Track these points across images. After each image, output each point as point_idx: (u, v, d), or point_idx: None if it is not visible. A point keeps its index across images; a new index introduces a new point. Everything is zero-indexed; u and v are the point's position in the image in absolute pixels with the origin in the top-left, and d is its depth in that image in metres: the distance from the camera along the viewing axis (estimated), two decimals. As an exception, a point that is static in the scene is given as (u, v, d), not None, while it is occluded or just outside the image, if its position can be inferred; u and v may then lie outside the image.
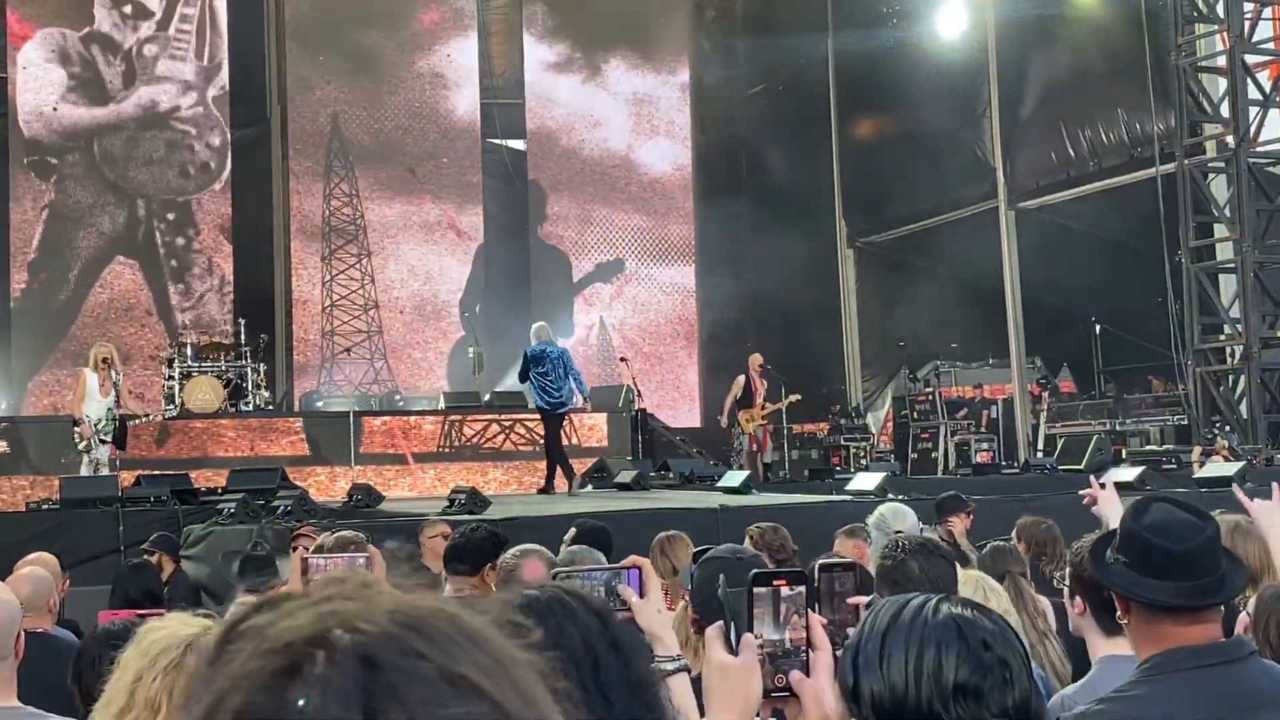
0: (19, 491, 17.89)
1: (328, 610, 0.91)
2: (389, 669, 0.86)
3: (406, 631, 0.89)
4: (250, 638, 0.90)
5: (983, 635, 1.99)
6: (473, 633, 0.92)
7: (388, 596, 0.93)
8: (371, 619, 0.89)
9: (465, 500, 12.44)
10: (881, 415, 24.83)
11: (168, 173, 24.34)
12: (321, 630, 0.88)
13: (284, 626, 0.89)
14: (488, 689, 0.88)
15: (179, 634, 3.00)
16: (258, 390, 20.19)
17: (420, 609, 0.92)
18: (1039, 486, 15.11)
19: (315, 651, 0.87)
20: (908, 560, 4.09)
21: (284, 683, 0.86)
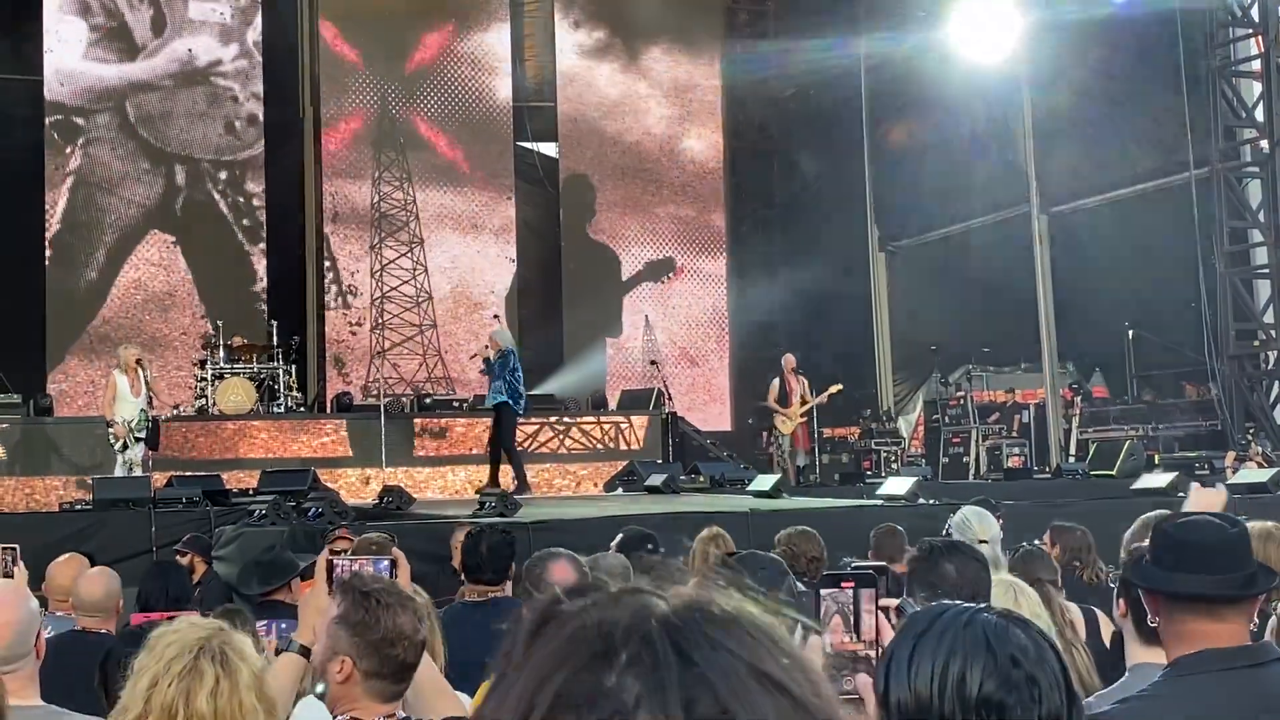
0: (52, 491, 18.00)
1: (638, 602, 0.96)
2: (703, 661, 0.92)
3: (714, 627, 0.94)
4: (563, 621, 0.96)
5: (1012, 650, 1.97)
6: (770, 631, 0.97)
7: (689, 592, 0.98)
8: (680, 613, 0.95)
9: (496, 503, 12.45)
10: (913, 419, 24.76)
11: (211, 132, 24.38)
12: (637, 621, 0.94)
13: (600, 615, 0.95)
14: (789, 685, 0.94)
15: (190, 638, 3.01)
16: (289, 391, 20.26)
17: (725, 607, 0.97)
18: (1071, 492, 15.06)
19: (632, 640, 0.92)
20: (942, 562, 4.06)
21: (605, 665, 0.92)
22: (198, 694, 2.93)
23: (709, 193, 27.26)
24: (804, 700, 0.94)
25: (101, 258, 23.79)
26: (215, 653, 2.98)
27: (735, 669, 0.92)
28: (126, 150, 24.06)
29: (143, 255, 23.96)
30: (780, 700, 0.92)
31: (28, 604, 4.00)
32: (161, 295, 23.93)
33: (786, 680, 0.93)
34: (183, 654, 2.95)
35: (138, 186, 24.05)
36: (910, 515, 11.02)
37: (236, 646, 3.06)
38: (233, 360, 20.10)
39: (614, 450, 20.91)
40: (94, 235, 23.78)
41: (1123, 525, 5.26)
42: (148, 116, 24.15)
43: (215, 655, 2.98)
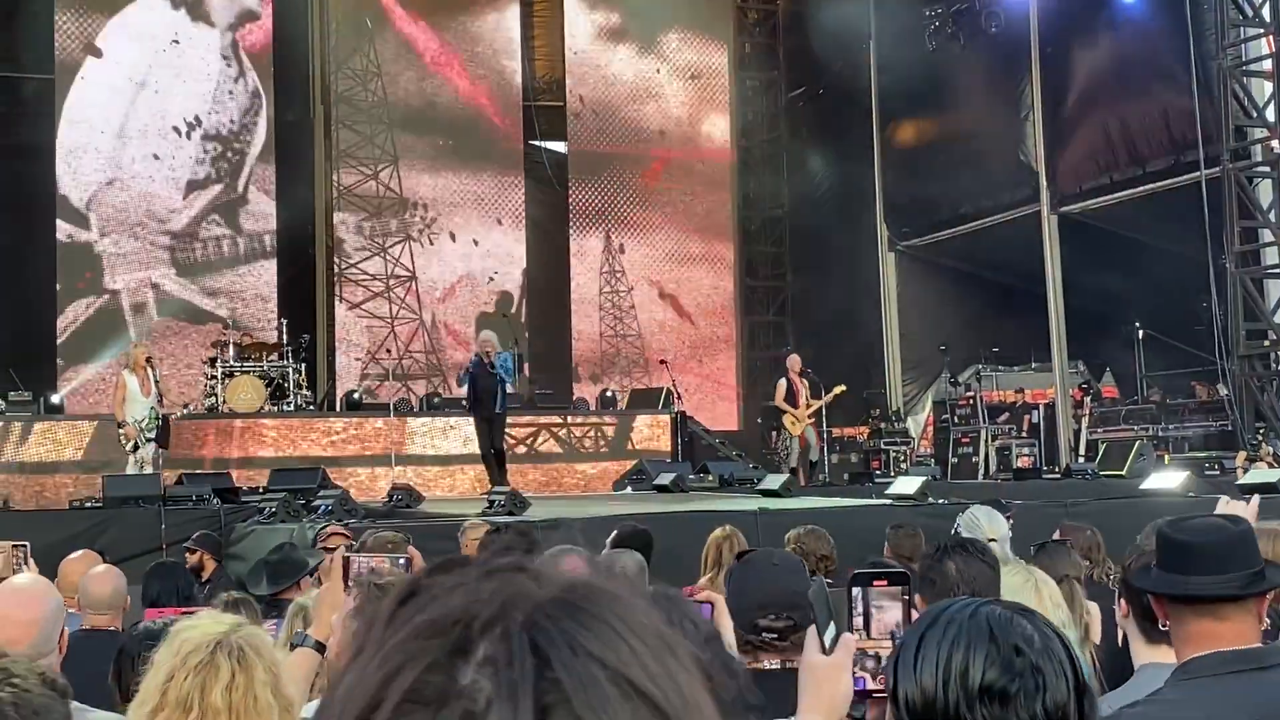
0: (62, 489, 18.04)
1: (500, 587, 0.91)
2: (560, 667, 0.86)
3: (581, 627, 0.89)
4: (423, 602, 0.91)
5: (1016, 640, 1.97)
6: (641, 627, 0.91)
7: (565, 578, 0.93)
8: (543, 604, 0.89)
9: (505, 501, 12.46)
10: (922, 419, 24.73)
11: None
12: (499, 612, 0.89)
13: (458, 601, 0.90)
14: (654, 695, 0.88)
15: (209, 633, 3.02)
16: (299, 389, 20.30)
17: (592, 591, 0.92)
18: (1080, 492, 15.02)
19: (489, 634, 0.88)
20: (945, 560, 4.04)
21: (455, 663, 0.87)
22: (213, 688, 2.94)
23: (717, 194, 27.26)
24: (669, 710, 0.88)
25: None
26: (232, 648, 3.00)
27: (595, 676, 0.87)
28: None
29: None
30: (641, 710, 0.87)
31: (54, 601, 4.01)
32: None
33: (652, 689, 0.88)
34: (200, 648, 2.97)
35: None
36: (919, 515, 11.01)
37: (254, 643, 3.08)
38: (243, 358, 20.14)
39: (623, 450, 20.94)
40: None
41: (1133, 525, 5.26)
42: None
43: (232, 650, 2.99)
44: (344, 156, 24.97)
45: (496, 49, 25.96)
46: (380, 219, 25.09)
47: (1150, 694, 3.04)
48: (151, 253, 23.78)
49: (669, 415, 21.55)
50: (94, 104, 23.60)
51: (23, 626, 3.80)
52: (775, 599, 3.79)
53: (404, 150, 25.28)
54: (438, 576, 0.94)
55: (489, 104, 25.81)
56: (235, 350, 20.18)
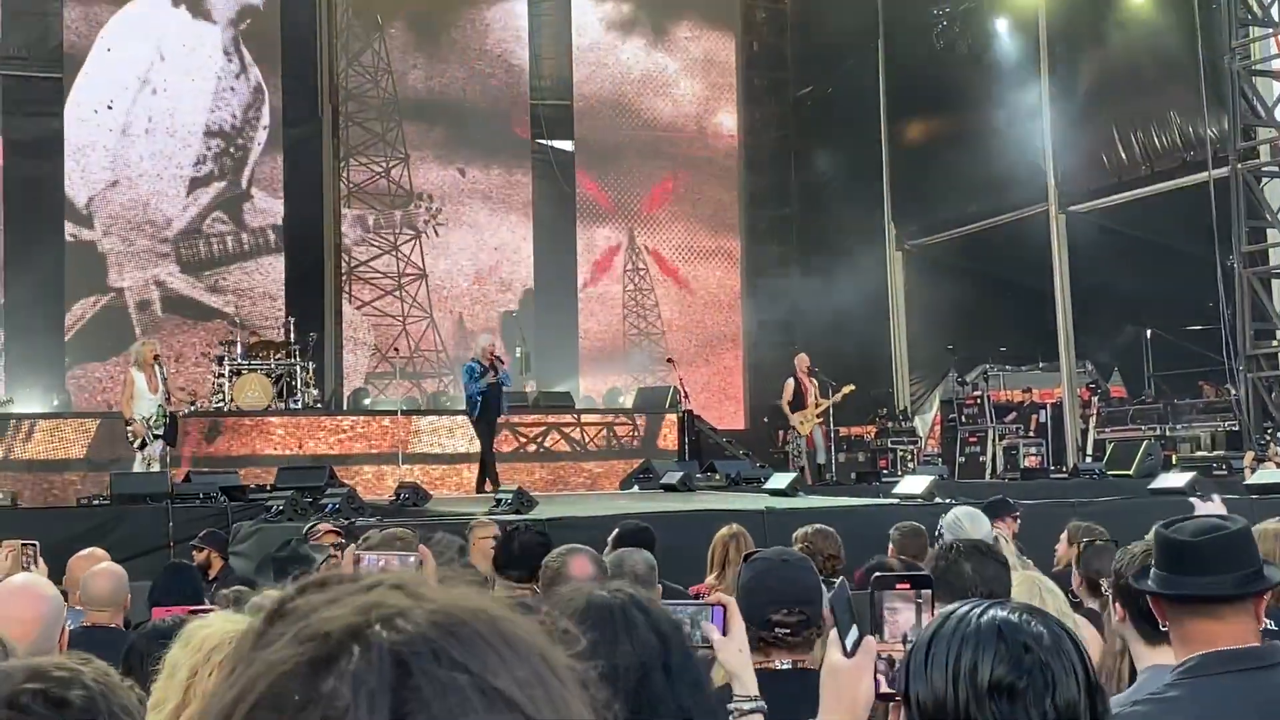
0: (70, 486, 18.06)
1: (369, 602, 0.90)
2: (420, 675, 0.85)
3: (445, 636, 0.87)
4: (292, 620, 0.90)
5: (1025, 639, 1.98)
6: (514, 639, 0.90)
7: (434, 593, 0.91)
8: (412, 617, 0.88)
9: (512, 500, 12.46)
10: (929, 418, 24.73)
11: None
12: (361, 624, 0.87)
13: (325, 615, 0.89)
14: (520, 702, 0.87)
15: (228, 630, 3.02)
16: (306, 388, 20.31)
17: (464, 610, 0.90)
18: (1088, 492, 15.02)
19: (351, 645, 0.86)
20: (961, 562, 4.08)
21: (317, 672, 0.86)
22: None
23: (724, 192, 27.26)
24: (535, 717, 0.87)
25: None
26: None
27: (458, 683, 0.86)
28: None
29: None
30: (506, 717, 0.86)
31: (54, 599, 4.01)
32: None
33: (519, 696, 0.87)
34: (223, 645, 2.96)
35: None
36: (926, 514, 10.99)
37: None
38: (250, 357, 20.16)
39: (630, 448, 20.94)
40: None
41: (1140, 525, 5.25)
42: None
43: None
44: (354, 153, 24.97)
45: (504, 46, 25.94)
46: (386, 213, 25.08)
47: (1151, 693, 3.04)
48: (155, 250, 23.80)
49: (676, 414, 21.55)
50: (98, 101, 23.61)
51: (24, 625, 3.79)
52: (787, 595, 3.82)
53: (413, 147, 25.28)
54: (310, 595, 0.93)
55: (497, 100, 25.81)
56: (243, 348, 20.20)
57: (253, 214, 24.42)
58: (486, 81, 25.76)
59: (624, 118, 26.62)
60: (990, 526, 6.33)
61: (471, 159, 25.63)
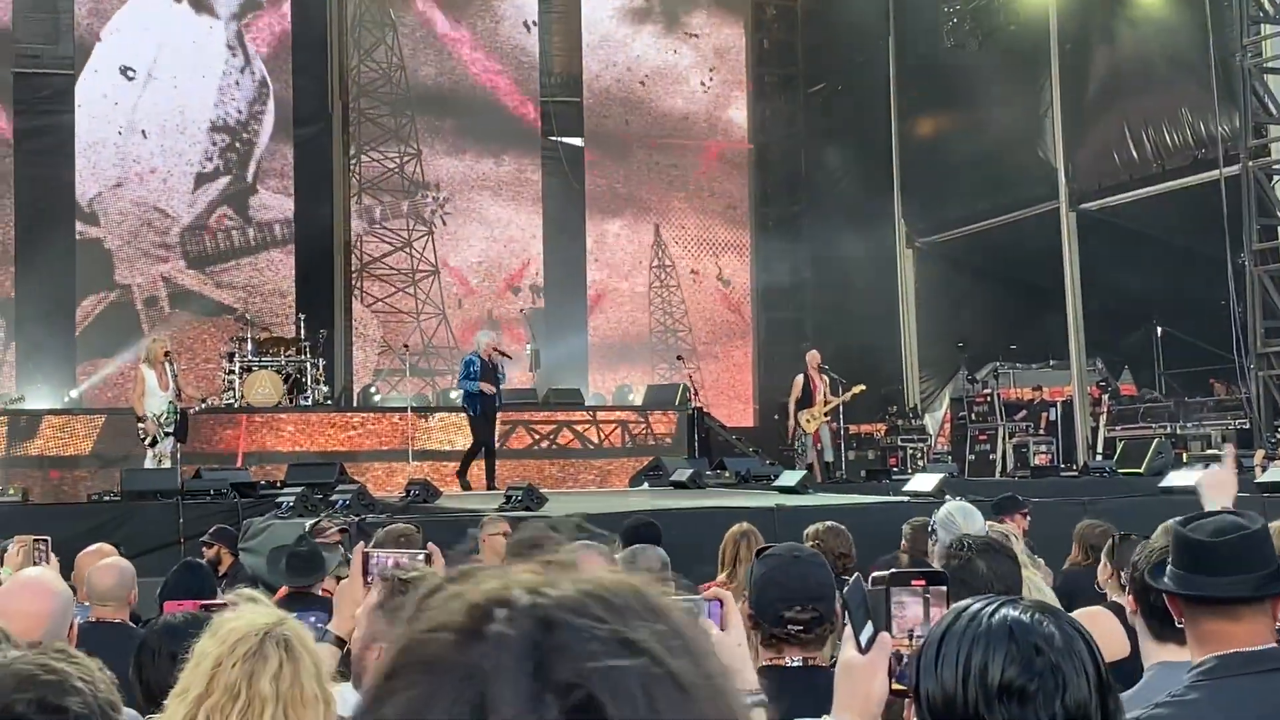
0: (80, 483, 18.11)
1: (516, 577, 0.95)
2: (563, 628, 0.90)
3: (587, 597, 0.92)
4: (443, 596, 0.96)
5: (1036, 640, 1.98)
6: (657, 606, 0.94)
7: (577, 570, 0.96)
8: (558, 585, 0.93)
9: (522, 496, 12.47)
10: (939, 416, 24.70)
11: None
12: (506, 593, 0.92)
13: (475, 588, 0.94)
14: (659, 654, 0.90)
15: (256, 623, 3.04)
16: (316, 385, 20.34)
17: (606, 580, 0.95)
18: (1098, 489, 15.00)
19: (499, 610, 0.91)
20: (974, 559, 4.08)
21: (468, 638, 0.91)
22: (261, 676, 2.96)
23: (734, 188, 27.26)
24: (678, 672, 0.90)
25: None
26: (280, 638, 3.01)
27: (599, 635, 0.89)
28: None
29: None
30: (654, 672, 0.89)
31: (63, 594, 4.03)
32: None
33: (658, 649, 0.90)
34: (248, 637, 2.98)
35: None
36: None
37: (300, 634, 3.10)
38: (260, 354, 20.19)
39: (640, 445, 20.95)
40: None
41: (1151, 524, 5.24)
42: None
43: (280, 640, 3.01)
44: (365, 148, 24.98)
45: (515, 41, 25.94)
46: (394, 203, 25.09)
47: (1172, 694, 3.02)
48: (162, 246, 23.83)
49: (686, 411, 21.55)
50: (103, 98, 23.65)
51: (33, 619, 3.81)
52: (799, 592, 3.81)
53: (424, 141, 25.30)
54: (454, 581, 0.98)
55: (508, 93, 25.82)
56: (253, 345, 20.24)
57: (259, 209, 24.41)
58: (497, 76, 25.75)
59: (634, 114, 26.61)
60: (983, 521, 6.32)
61: (482, 153, 25.63)
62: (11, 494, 15.99)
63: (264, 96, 24.51)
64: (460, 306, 25.22)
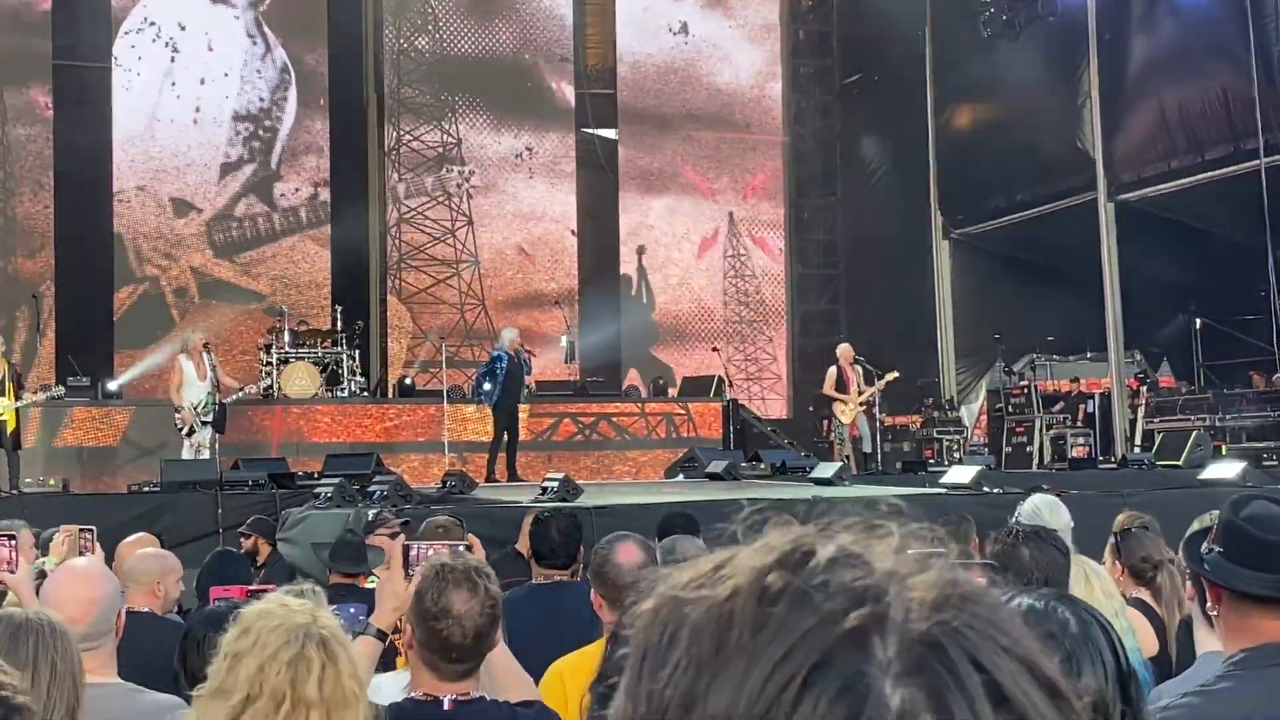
0: (119, 473, 18.23)
1: (863, 577, 0.85)
2: (946, 675, 0.81)
3: (957, 632, 0.83)
4: (797, 602, 0.84)
5: (1051, 627, 1.97)
6: (1014, 634, 0.85)
7: (931, 570, 0.87)
8: (925, 603, 0.83)
9: (558, 488, 12.48)
10: (975, 408, 24.61)
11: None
12: (882, 609, 0.83)
13: (846, 582, 0.84)
14: (1022, 707, 0.82)
15: (294, 623, 3.02)
16: (353, 376, 20.41)
17: (966, 593, 0.85)
18: (1136, 482, 14.92)
19: (880, 628, 0.82)
20: (1019, 547, 4.07)
21: (853, 651, 0.81)
22: (306, 681, 2.95)
23: (770, 178, 27.21)
24: (1075, 709, 0.84)
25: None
26: (317, 639, 3.00)
27: (974, 688, 0.80)
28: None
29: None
30: (1064, 707, 0.83)
31: (111, 582, 4.06)
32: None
33: (1021, 701, 0.82)
34: (291, 641, 2.97)
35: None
36: (974, 504, 10.95)
37: (335, 631, 3.09)
38: (298, 345, 20.28)
39: (674, 437, 20.95)
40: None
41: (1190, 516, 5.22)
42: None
43: (318, 641, 3.00)
44: (403, 132, 25.04)
45: (550, 34, 25.95)
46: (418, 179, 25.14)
47: (1203, 684, 3.01)
48: (190, 237, 23.94)
49: (720, 403, 21.54)
50: (129, 90, 23.75)
51: (81, 606, 3.84)
52: None
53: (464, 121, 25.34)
54: (791, 573, 0.86)
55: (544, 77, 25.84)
56: (290, 336, 20.33)
57: (283, 195, 24.47)
58: (529, 65, 25.76)
59: (669, 105, 26.55)
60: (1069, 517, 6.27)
61: (518, 139, 25.63)
62: (52, 484, 16.11)
63: (286, 82, 24.54)
64: (494, 298, 25.22)
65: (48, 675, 3.18)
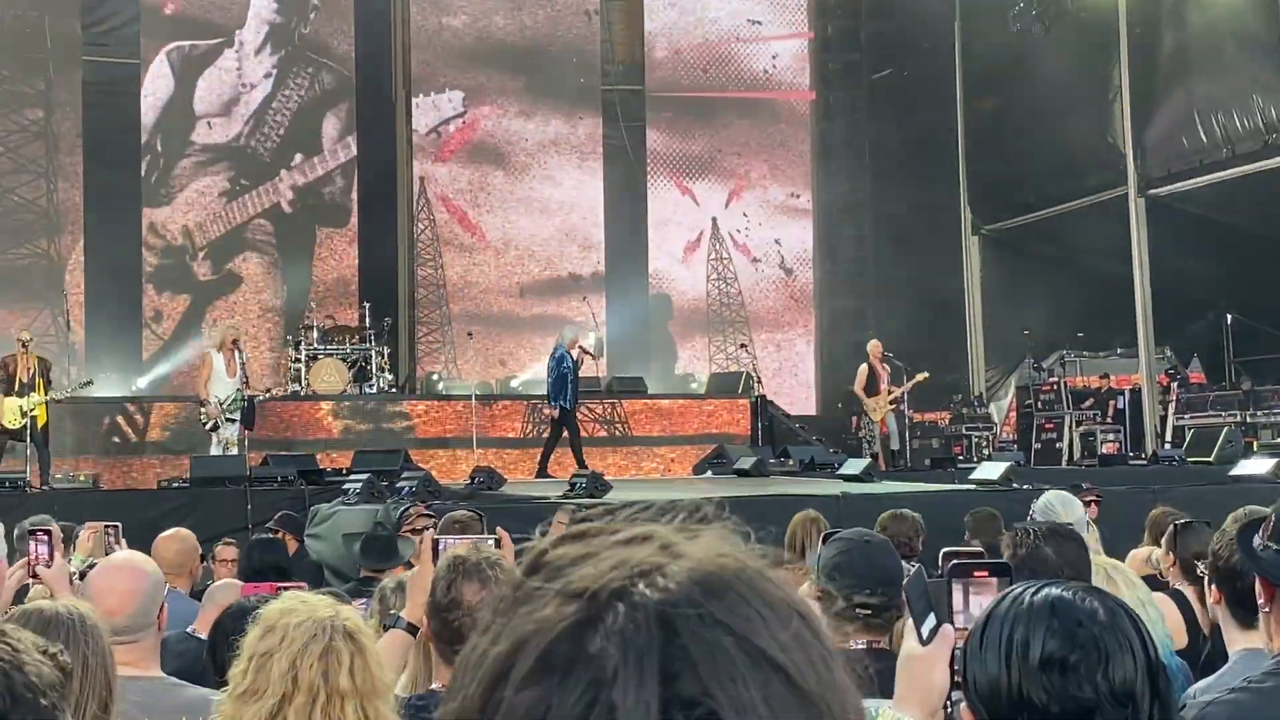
0: (149, 469, 18.31)
1: (630, 558, 0.90)
2: (687, 634, 0.86)
3: (707, 595, 0.88)
4: (551, 573, 0.91)
5: (1079, 615, 1.97)
6: (775, 600, 0.90)
7: (691, 548, 0.91)
8: (673, 574, 0.88)
9: (587, 484, 12.49)
10: (1004, 405, 24.53)
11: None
12: (624, 581, 0.88)
13: (586, 571, 0.89)
14: (784, 664, 0.87)
15: (319, 617, 3.03)
16: (381, 372, 20.46)
17: (724, 567, 0.90)
18: (1167, 478, 14.86)
19: (616, 604, 0.87)
20: (1042, 546, 4.06)
21: (584, 633, 0.86)
22: (338, 672, 2.96)
23: (798, 175, 27.15)
24: (800, 682, 0.87)
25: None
26: (343, 631, 3.02)
27: (723, 643, 0.85)
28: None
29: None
30: (773, 681, 0.86)
31: (153, 574, 4.06)
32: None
33: (783, 659, 0.86)
34: (319, 634, 2.98)
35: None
36: (1004, 500, 10.91)
37: (359, 623, 3.11)
38: (326, 341, 20.34)
39: (703, 433, 20.93)
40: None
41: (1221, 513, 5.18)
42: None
43: (345, 633, 3.02)
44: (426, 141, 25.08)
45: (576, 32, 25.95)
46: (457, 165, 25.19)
47: (1248, 680, 2.97)
48: (223, 233, 23.97)
49: (749, 399, 21.52)
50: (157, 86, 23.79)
51: (122, 596, 3.85)
52: (870, 576, 3.84)
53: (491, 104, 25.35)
54: (566, 547, 0.93)
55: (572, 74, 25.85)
56: (319, 333, 20.39)
57: (318, 190, 24.50)
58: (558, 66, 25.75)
59: (697, 100, 26.51)
60: (1083, 511, 6.27)
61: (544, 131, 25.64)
62: (82, 480, 16.19)
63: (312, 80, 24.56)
64: (520, 294, 25.23)
65: (79, 670, 3.18)
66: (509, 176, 25.48)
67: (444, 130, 25.32)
